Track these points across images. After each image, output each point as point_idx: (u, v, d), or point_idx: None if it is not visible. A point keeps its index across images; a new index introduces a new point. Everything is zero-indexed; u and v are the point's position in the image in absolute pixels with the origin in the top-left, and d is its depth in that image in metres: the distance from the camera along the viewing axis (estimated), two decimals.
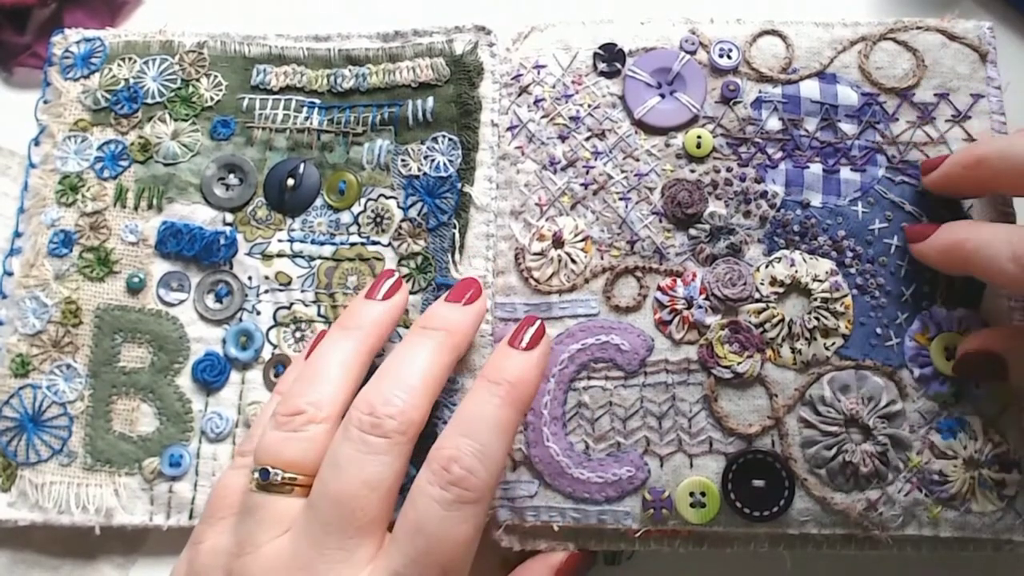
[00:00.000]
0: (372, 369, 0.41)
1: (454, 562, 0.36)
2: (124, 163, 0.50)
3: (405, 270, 0.48)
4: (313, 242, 0.49)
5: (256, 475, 0.38)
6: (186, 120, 0.51)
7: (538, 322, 0.41)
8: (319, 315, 0.48)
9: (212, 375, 0.48)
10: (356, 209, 0.49)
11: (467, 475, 0.36)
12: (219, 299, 0.49)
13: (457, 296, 0.43)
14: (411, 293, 0.48)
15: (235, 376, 0.48)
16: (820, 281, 0.44)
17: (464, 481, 0.36)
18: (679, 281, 0.45)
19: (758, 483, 0.43)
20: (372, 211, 0.49)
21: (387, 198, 0.49)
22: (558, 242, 0.46)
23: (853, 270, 0.45)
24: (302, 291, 0.48)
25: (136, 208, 0.50)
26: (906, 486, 0.42)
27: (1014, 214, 0.46)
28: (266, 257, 0.49)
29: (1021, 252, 0.38)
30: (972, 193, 0.45)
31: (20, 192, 0.51)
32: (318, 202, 0.49)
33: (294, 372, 0.45)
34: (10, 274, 0.50)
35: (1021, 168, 0.40)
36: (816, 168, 0.46)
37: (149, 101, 0.51)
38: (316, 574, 0.36)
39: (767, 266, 0.45)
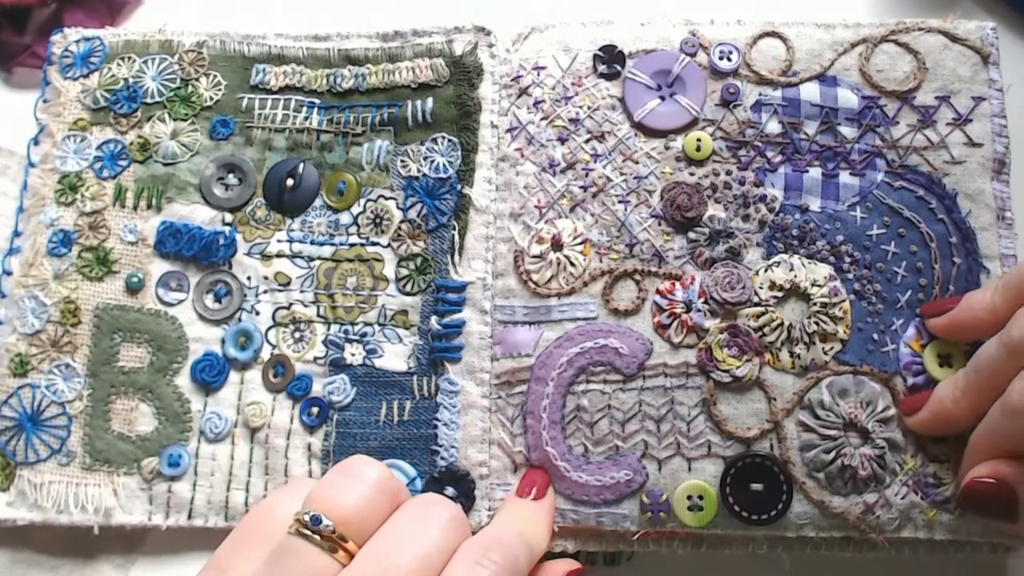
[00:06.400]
0: None
1: None
2: (123, 163, 0.50)
3: (405, 271, 0.48)
4: (312, 242, 0.49)
5: (306, 517, 0.36)
6: (185, 120, 0.51)
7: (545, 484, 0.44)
8: (318, 315, 0.48)
9: (211, 375, 0.48)
10: (355, 210, 0.49)
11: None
12: (218, 299, 0.49)
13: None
14: (410, 294, 0.48)
15: (234, 376, 0.48)
16: (819, 286, 0.44)
17: None
18: (678, 284, 0.45)
19: (756, 487, 0.43)
20: (371, 212, 0.49)
21: (386, 199, 0.49)
22: (557, 245, 0.46)
23: (851, 275, 0.45)
24: (301, 291, 0.48)
25: (135, 208, 0.50)
26: (902, 489, 0.42)
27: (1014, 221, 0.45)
28: (265, 257, 0.49)
29: None
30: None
31: (19, 191, 0.51)
32: (317, 202, 0.49)
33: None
34: (9, 273, 0.50)
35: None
36: (815, 172, 0.46)
37: (148, 100, 0.51)
38: None
39: (766, 270, 0.45)
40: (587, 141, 0.47)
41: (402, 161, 0.49)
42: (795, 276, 0.45)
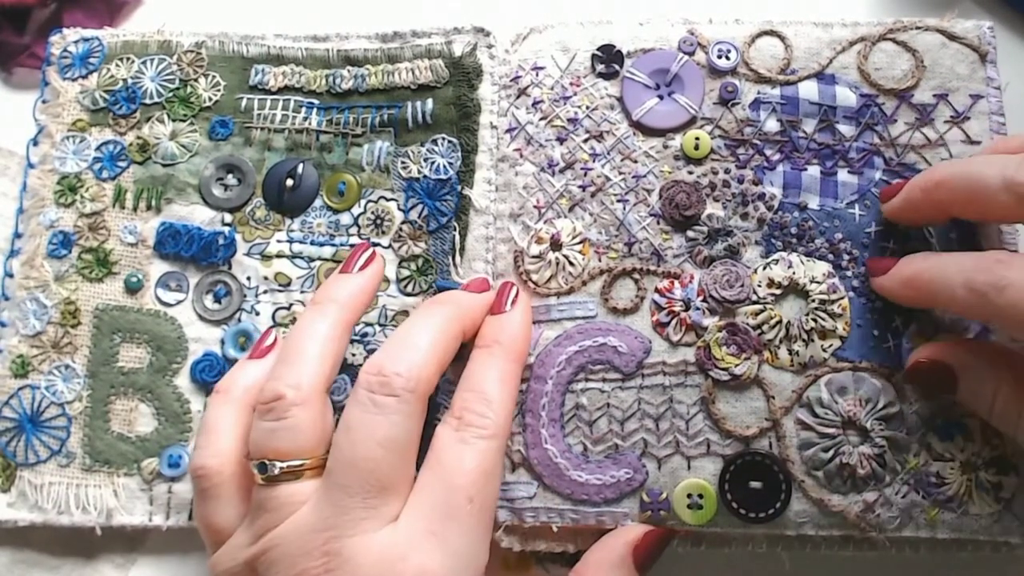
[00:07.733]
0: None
1: (477, 486, 0.38)
2: (123, 164, 0.50)
3: (406, 272, 0.48)
4: (313, 243, 0.49)
5: (256, 471, 0.39)
6: (184, 120, 0.51)
7: (514, 288, 0.45)
8: None
9: (211, 375, 0.48)
10: (356, 211, 0.49)
11: (478, 417, 0.40)
12: (218, 299, 0.49)
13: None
14: (412, 295, 0.48)
15: None
16: (818, 283, 0.44)
17: (475, 421, 0.40)
18: (677, 283, 0.45)
19: (755, 485, 0.43)
20: (372, 213, 0.49)
21: (387, 200, 0.49)
22: (556, 244, 0.46)
23: (849, 273, 0.45)
24: (302, 292, 0.49)
25: (135, 209, 0.50)
26: (903, 488, 0.42)
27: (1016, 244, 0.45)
28: (265, 258, 0.49)
29: (973, 278, 0.37)
30: (933, 218, 0.44)
31: (19, 192, 0.51)
32: (317, 203, 0.49)
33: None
34: (11, 276, 0.50)
35: (980, 190, 0.39)
36: (814, 170, 0.46)
37: (147, 101, 0.51)
38: (341, 533, 0.36)
39: (765, 268, 0.45)
40: (586, 141, 0.48)
41: (402, 162, 0.49)
42: (793, 273, 0.45)
